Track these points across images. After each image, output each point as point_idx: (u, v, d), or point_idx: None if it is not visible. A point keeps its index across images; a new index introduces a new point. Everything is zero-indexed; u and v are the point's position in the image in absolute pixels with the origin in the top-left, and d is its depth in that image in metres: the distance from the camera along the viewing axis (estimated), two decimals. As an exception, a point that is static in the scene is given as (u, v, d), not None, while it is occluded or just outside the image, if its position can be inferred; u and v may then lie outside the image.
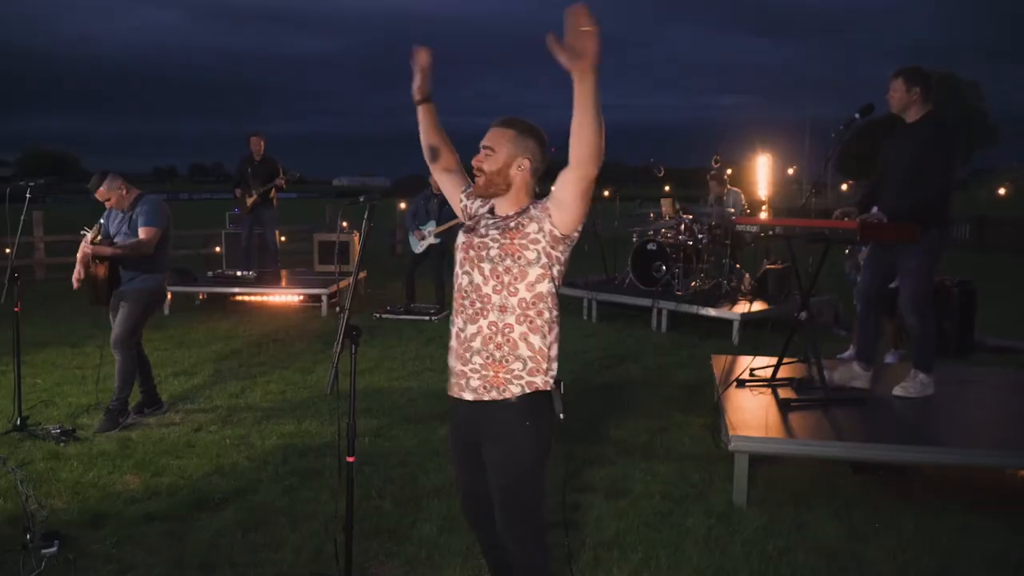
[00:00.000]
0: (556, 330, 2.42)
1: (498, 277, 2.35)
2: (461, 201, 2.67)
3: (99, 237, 5.01)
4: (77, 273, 5.05)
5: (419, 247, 9.24)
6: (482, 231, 2.44)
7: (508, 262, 2.34)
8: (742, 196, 9.52)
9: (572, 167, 2.21)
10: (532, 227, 2.35)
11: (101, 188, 5.03)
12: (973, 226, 19.59)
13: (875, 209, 4.54)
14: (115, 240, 5.03)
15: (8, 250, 8.84)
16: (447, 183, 2.73)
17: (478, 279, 2.39)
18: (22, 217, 5.32)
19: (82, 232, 5.09)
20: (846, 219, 4.71)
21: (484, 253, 2.39)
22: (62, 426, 4.92)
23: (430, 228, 9.08)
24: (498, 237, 2.38)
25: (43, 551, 3.36)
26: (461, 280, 2.45)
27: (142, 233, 4.96)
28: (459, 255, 2.49)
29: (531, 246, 2.34)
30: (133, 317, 5.06)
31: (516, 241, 2.35)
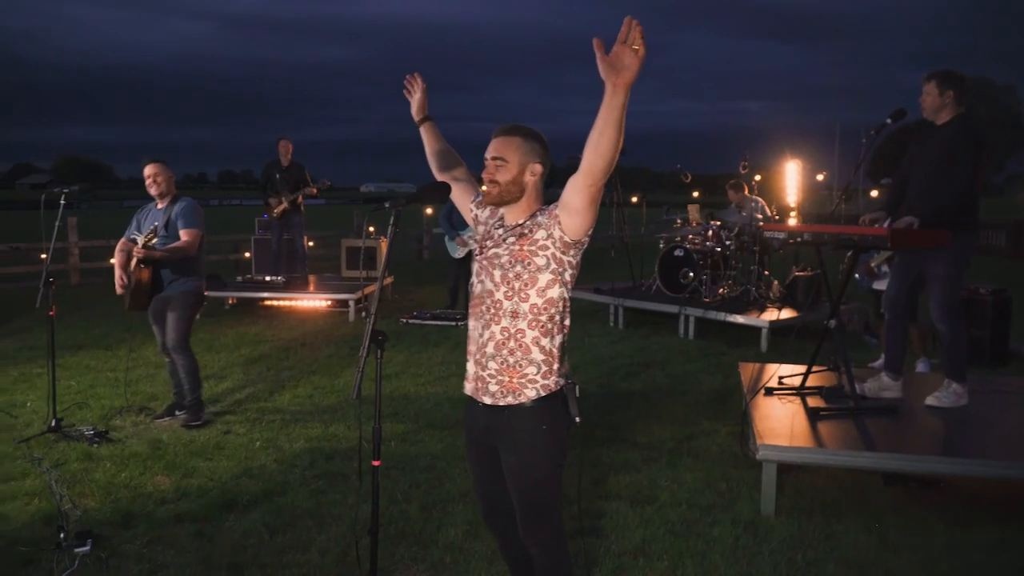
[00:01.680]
0: (565, 331, 2.44)
1: (509, 283, 2.37)
2: (471, 210, 2.68)
3: (154, 239, 5.02)
4: (120, 279, 5.13)
5: (459, 252, 9.28)
6: (494, 240, 2.46)
7: (518, 268, 2.36)
8: (762, 203, 9.44)
9: (583, 174, 2.21)
10: (541, 233, 2.36)
11: (155, 164, 5.13)
12: (1010, 232, 19.16)
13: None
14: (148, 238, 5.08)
15: (44, 255, 9.02)
16: (456, 192, 2.75)
17: (490, 285, 2.41)
18: (57, 223, 5.42)
19: (130, 238, 5.15)
20: (875, 224, 4.66)
21: (495, 260, 2.41)
22: (95, 427, 5.01)
23: (471, 233, 9.13)
24: (509, 245, 2.40)
25: (76, 550, 3.42)
26: (476, 288, 2.48)
27: (184, 235, 5.06)
28: (474, 264, 2.52)
29: (540, 252, 2.35)
30: (184, 320, 5.18)
31: (526, 247, 2.36)
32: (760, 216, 9.03)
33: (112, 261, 5.17)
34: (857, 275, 7.12)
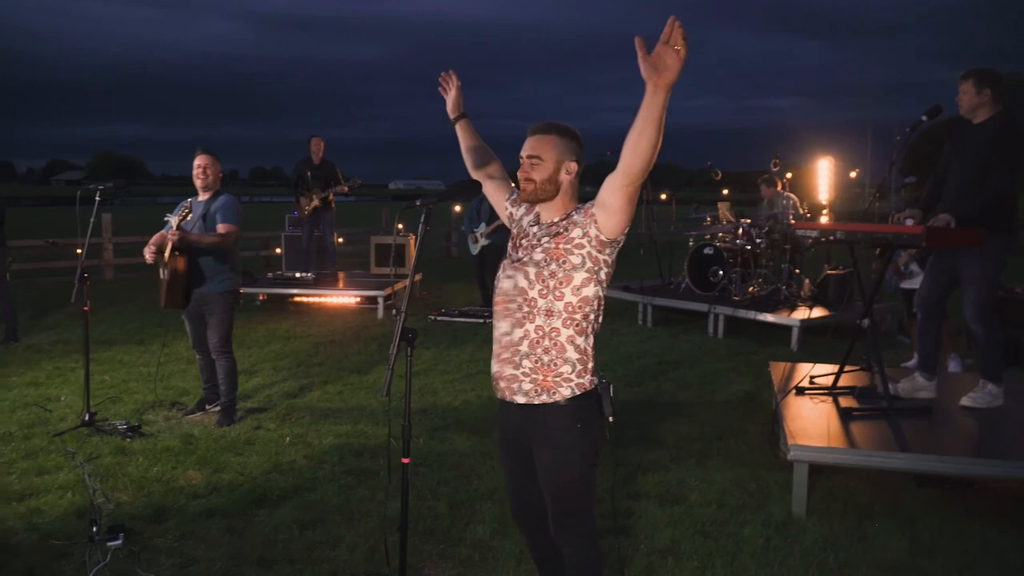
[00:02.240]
0: (598, 329, 2.43)
1: (543, 281, 2.35)
2: (506, 208, 2.68)
3: (189, 215, 5.00)
4: (151, 251, 5.04)
5: (474, 249, 9.39)
6: (529, 239, 2.45)
7: (553, 266, 2.34)
8: (795, 200, 9.32)
9: (621, 174, 2.19)
10: (577, 232, 2.34)
11: (205, 155, 5.17)
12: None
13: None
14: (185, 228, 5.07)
15: (79, 251, 9.16)
16: (491, 190, 2.75)
17: (523, 283, 2.39)
18: (92, 219, 5.50)
19: (165, 218, 5.13)
20: (909, 223, 4.58)
21: (529, 258, 2.39)
22: (128, 422, 5.08)
23: (481, 230, 9.19)
24: (544, 243, 2.38)
25: (109, 543, 3.47)
26: (504, 284, 2.45)
27: (222, 228, 5.06)
28: (504, 260, 2.51)
29: (576, 251, 2.34)
30: (225, 322, 5.20)
31: (561, 246, 2.35)
32: (792, 213, 8.92)
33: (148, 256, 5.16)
34: (888, 274, 7.01)
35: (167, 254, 4.99)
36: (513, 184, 2.73)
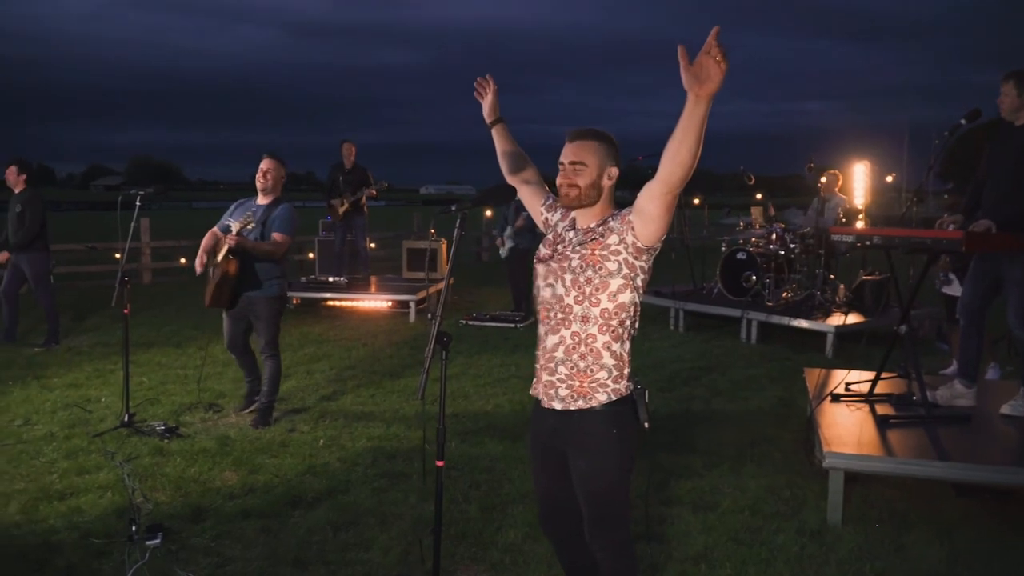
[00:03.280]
0: (634, 335, 2.43)
1: (579, 288, 2.36)
2: (542, 214, 2.67)
3: (252, 223, 5.07)
4: (202, 259, 5.17)
5: (502, 252, 9.42)
6: (565, 244, 2.45)
7: (589, 272, 2.34)
8: (845, 201, 9.18)
9: (660, 182, 2.19)
10: (613, 238, 2.34)
11: (272, 160, 5.26)
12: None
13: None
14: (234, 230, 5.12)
15: (118, 255, 9.30)
16: (526, 194, 2.75)
17: (560, 291, 2.39)
18: (132, 224, 5.60)
19: (223, 226, 5.19)
20: (951, 228, 4.51)
21: (565, 264, 2.40)
22: (166, 423, 5.17)
23: (507, 233, 9.22)
24: (579, 248, 2.39)
25: (147, 542, 3.53)
26: (544, 293, 2.46)
27: (276, 237, 5.13)
28: (540, 268, 2.50)
29: (612, 257, 2.34)
30: (273, 325, 5.30)
31: (597, 252, 2.35)
32: (841, 213, 8.80)
33: (183, 260, 5.29)
34: (937, 280, 6.88)
35: (220, 256, 5.07)
36: (548, 188, 2.74)
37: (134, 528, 3.58)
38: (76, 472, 4.40)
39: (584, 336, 2.37)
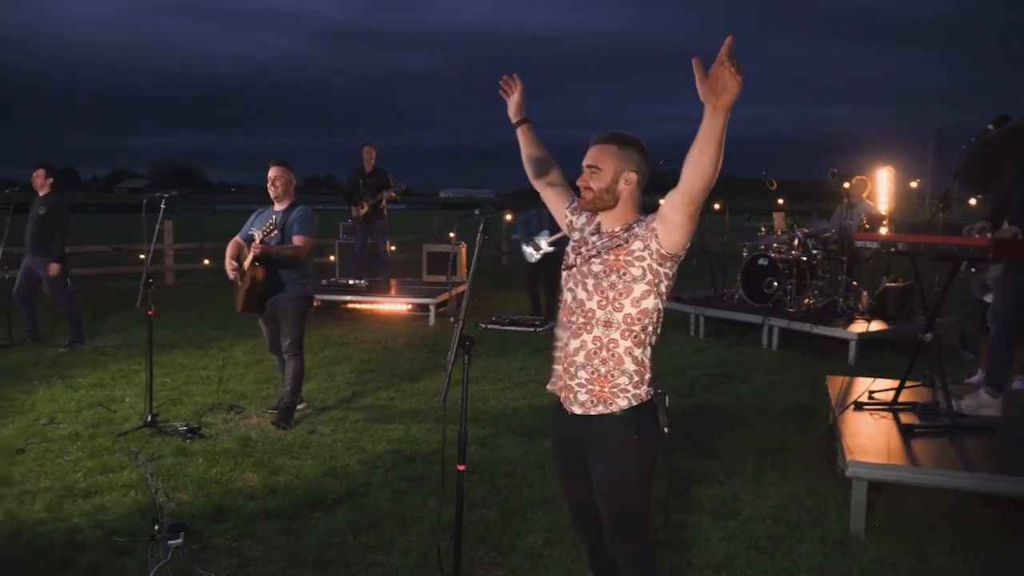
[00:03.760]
0: (655, 341, 2.42)
1: (602, 293, 2.35)
2: (566, 216, 2.67)
3: (274, 231, 5.19)
4: (230, 264, 5.29)
5: (533, 257, 9.34)
6: (589, 248, 2.44)
7: (613, 278, 2.34)
8: (872, 207, 9.08)
9: (682, 192, 2.19)
10: (637, 244, 2.33)
11: (279, 167, 5.34)
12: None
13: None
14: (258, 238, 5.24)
15: (142, 256, 9.39)
16: (551, 197, 2.74)
17: (582, 295, 2.39)
18: (157, 226, 5.66)
19: (246, 236, 5.31)
20: (977, 235, 4.45)
21: (588, 269, 2.39)
22: (188, 424, 5.21)
23: (543, 238, 9.16)
24: (603, 253, 2.38)
25: (170, 542, 3.55)
26: (566, 296, 2.47)
27: (297, 240, 5.24)
28: (564, 272, 2.50)
29: (636, 263, 2.32)
30: (297, 324, 5.37)
31: (621, 257, 2.33)
32: (864, 219, 8.73)
33: (206, 262, 5.36)
34: (972, 288, 6.79)
35: (247, 263, 5.18)
36: (573, 192, 2.73)
37: (157, 527, 3.61)
38: (100, 471, 4.44)
39: (606, 341, 2.36)
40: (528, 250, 9.81)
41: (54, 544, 3.57)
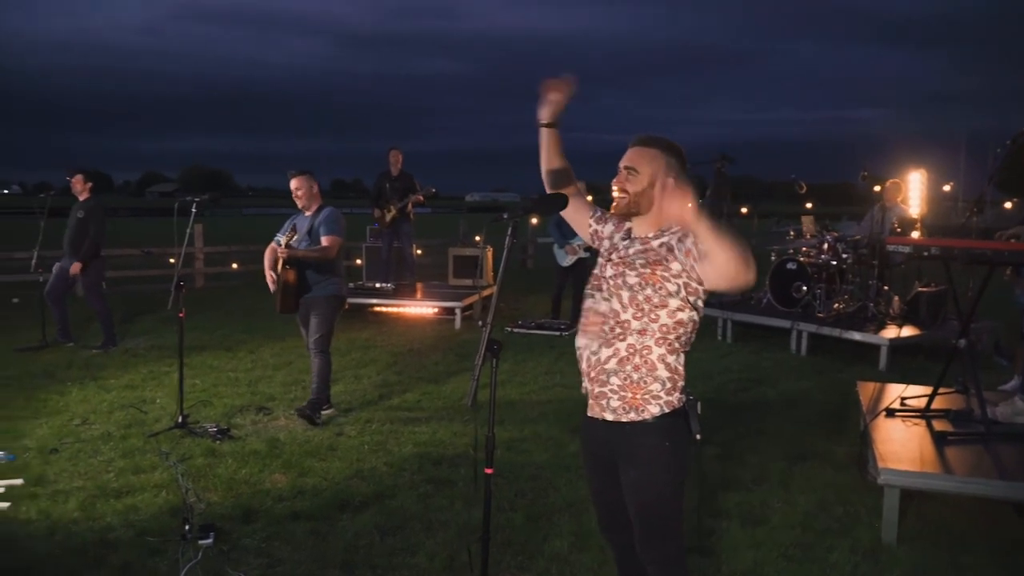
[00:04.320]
0: (688, 348, 2.41)
1: (638, 306, 2.33)
2: (590, 227, 2.61)
3: (295, 236, 5.38)
4: (270, 277, 5.46)
5: (567, 261, 9.31)
6: (620, 253, 2.42)
7: (648, 291, 2.31)
8: (904, 211, 8.95)
9: (709, 286, 2.28)
10: (676, 266, 2.30)
11: (298, 178, 5.49)
12: None
13: None
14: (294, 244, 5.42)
15: (172, 259, 9.49)
16: (571, 209, 2.63)
17: (616, 306, 2.36)
18: (188, 230, 5.73)
19: (276, 239, 5.44)
20: (1013, 240, 4.38)
21: (622, 281, 2.36)
22: (218, 425, 5.26)
23: (580, 242, 9.12)
24: (639, 267, 2.34)
25: (200, 542, 3.59)
26: (593, 304, 2.42)
27: (325, 241, 5.37)
28: (592, 280, 2.47)
29: (673, 279, 2.30)
30: (326, 323, 5.48)
31: (659, 273, 2.31)
32: (896, 223, 8.61)
33: (234, 266, 5.44)
34: (1017, 292, 6.66)
35: (279, 268, 5.33)
36: (590, 198, 2.70)
37: (187, 527, 3.65)
38: (132, 471, 4.50)
39: (639, 348, 2.34)
40: (562, 252, 9.75)
41: (87, 543, 3.62)
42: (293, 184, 5.49)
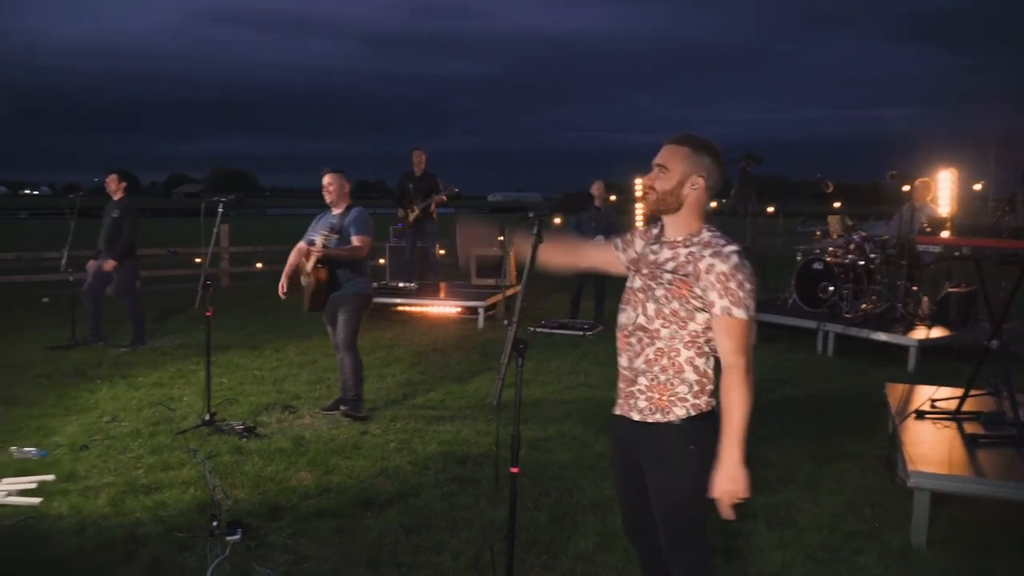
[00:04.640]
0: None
1: (664, 317, 2.32)
2: (620, 259, 2.59)
3: (334, 236, 5.43)
4: (284, 279, 5.53)
5: None
6: (649, 262, 2.41)
7: (675, 305, 2.31)
8: (934, 211, 8.82)
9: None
10: (701, 286, 2.28)
11: (331, 175, 5.55)
12: None
13: None
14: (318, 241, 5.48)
15: (198, 259, 9.59)
16: (599, 261, 2.69)
17: (642, 320, 2.36)
18: (215, 230, 5.79)
19: (308, 240, 5.52)
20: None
21: (650, 294, 2.36)
22: (244, 423, 5.31)
23: (599, 241, 9.12)
24: (667, 282, 2.33)
25: (228, 538, 3.63)
26: (625, 319, 2.42)
27: (356, 240, 5.43)
28: (624, 295, 2.47)
29: (697, 299, 2.29)
30: (353, 321, 5.53)
31: (684, 291, 2.30)
32: (925, 223, 8.51)
33: (259, 265, 5.49)
34: None
35: (310, 267, 5.38)
36: (613, 197, 2.68)
37: (215, 524, 3.69)
38: (161, 468, 4.55)
39: (668, 350, 2.33)
40: None
41: (117, 538, 3.67)
42: (326, 180, 5.54)
